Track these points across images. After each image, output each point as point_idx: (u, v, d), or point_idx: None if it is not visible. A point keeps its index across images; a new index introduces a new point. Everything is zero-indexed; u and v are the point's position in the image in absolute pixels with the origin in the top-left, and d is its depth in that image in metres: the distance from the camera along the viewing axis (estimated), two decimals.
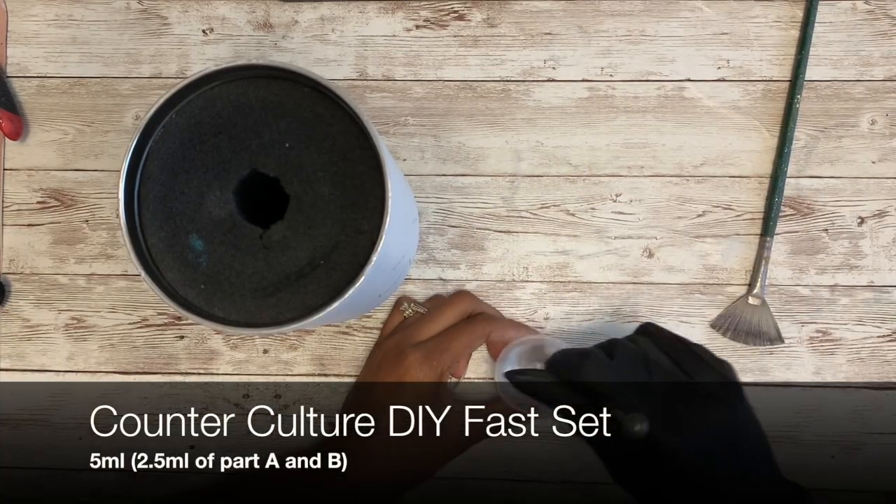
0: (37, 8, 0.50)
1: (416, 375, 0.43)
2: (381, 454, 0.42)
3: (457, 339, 0.44)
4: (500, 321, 0.46)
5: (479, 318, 0.46)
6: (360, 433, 0.43)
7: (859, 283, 0.48)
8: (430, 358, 0.43)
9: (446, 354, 0.43)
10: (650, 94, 0.48)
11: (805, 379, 0.48)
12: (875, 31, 0.48)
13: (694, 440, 0.34)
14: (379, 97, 0.49)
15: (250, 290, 0.35)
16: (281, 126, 0.35)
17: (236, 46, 0.49)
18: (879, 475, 0.47)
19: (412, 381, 0.43)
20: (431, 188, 0.49)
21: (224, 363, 0.49)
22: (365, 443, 0.43)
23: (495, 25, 0.49)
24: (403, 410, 0.42)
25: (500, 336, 0.45)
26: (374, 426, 0.43)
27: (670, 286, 0.48)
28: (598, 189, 0.48)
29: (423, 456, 0.43)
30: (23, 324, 0.49)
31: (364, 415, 0.44)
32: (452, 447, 0.44)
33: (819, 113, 0.48)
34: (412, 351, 0.43)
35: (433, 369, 0.43)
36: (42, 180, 0.49)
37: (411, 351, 0.43)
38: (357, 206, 0.35)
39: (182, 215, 0.35)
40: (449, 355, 0.43)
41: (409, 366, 0.43)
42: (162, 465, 0.48)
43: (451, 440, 0.43)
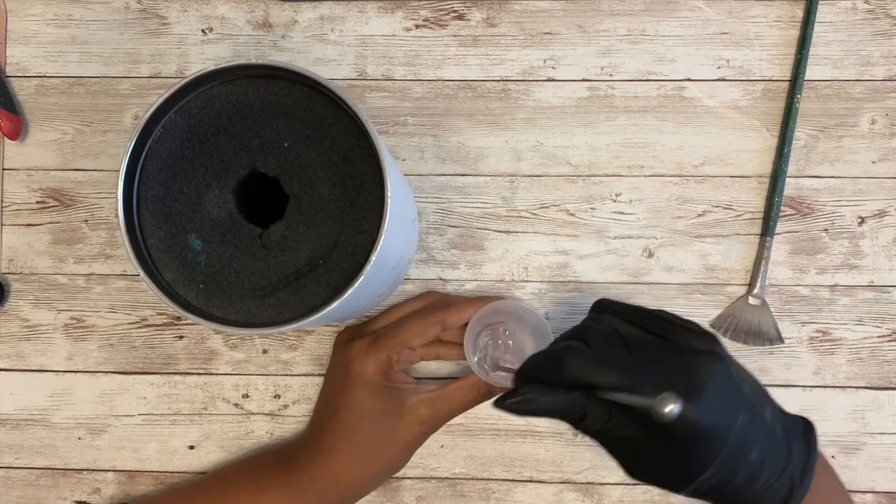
0: (36, 8, 0.50)
1: (362, 363, 0.42)
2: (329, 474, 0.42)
3: (405, 327, 0.43)
4: (456, 305, 0.45)
5: (433, 305, 0.45)
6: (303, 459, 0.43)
7: (859, 283, 0.47)
8: (375, 345, 0.42)
9: (393, 341, 0.42)
10: (650, 94, 0.48)
11: (805, 379, 0.47)
12: (875, 30, 0.48)
13: (704, 404, 0.32)
14: (378, 97, 0.49)
15: (249, 289, 0.35)
16: (280, 126, 0.35)
17: (236, 46, 0.49)
18: (879, 475, 0.47)
19: (358, 369, 0.42)
20: (431, 188, 0.49)
21: (223, 363, 0.49)
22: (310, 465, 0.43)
23: (495, 25, 0.49)
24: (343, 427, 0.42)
25: (457, 319, 0.44)
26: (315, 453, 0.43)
27: (670, 286, 0.48)
28: (598, 189, 0.48)
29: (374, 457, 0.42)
30: (22, 324, 0.49)
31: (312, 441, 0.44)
32: (406, 442, 0.43)
33: (819, 113, 0.48)
34: (358, 340, 0.43)
35: (379, 356, 0.42)
36: (41, 180, 0.49)
37: (357, 340, 0.43)
38: (356, 205, 0.35)
39: (181, 215, 0.35)
40: (396, 342, 0.42)
41: (354, 355, 0.43)
42: (161, 464, 0.49)
43: (403, 436, 0.42)
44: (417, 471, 0.48)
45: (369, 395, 0.42)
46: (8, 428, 0.49)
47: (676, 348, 0.34)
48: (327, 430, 0.43)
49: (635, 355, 0.34)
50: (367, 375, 0.42)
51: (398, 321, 0.44)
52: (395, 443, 0.42)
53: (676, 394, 0.31)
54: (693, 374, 0.33)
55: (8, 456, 0.49)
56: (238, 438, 0.48)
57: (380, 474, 0.44)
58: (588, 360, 0.34)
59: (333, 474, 0.42)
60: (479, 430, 0.48)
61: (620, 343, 0.35)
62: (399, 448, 0.43)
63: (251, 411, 0.48)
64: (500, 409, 0.35)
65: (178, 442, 0.49)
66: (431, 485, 0.48)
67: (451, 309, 0.44)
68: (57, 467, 0.48)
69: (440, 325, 0.44)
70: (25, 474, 0.49)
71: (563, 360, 0.34)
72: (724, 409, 0.33)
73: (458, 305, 0.44)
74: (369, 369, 0.42)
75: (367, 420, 0.42)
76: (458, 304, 0.44)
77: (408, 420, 0.42)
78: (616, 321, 0.36)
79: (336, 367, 0.45)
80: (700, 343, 0.34)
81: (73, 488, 0.48)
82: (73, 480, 0.48)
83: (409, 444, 0.43)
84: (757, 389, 0.36)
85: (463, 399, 0.43)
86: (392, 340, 0.42)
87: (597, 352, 0.34)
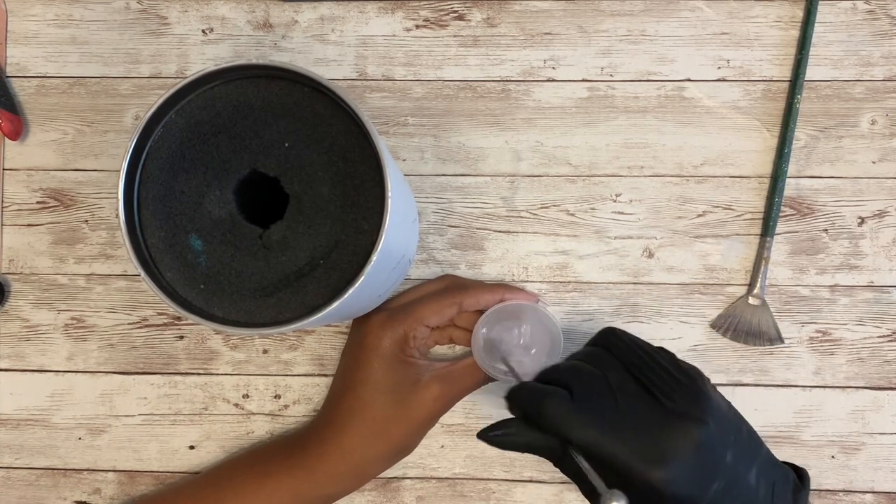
0: (36, 8, 0.50)
1: (377, 336, 0.42)
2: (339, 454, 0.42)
3: (423, 305, 0.43)
4: (474, 289, 0.45)
5: (451, 286, 0.46)
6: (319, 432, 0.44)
7: (859, 283, 0.47)
8: (392, 319, 0.43)
9: (410, 317, 0.43)
10: (650, 94, 0.48)
11: (805, 379, 0.47)
12: (875, 31, 0.48)
13: (675, 474, 0.32)
14: (379, 97, 0.49)
15: (250, 289, 0.35)
16: (281, 126, 0.35)
17: (236, 46, 0.49)
18: (879, 475, 0.47)
19: (374, 342, 0.42)
20: (431, 188, 0.49)
21: (224, 363, 0.49)
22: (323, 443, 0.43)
23: (495, 25, 0.49)
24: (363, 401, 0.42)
25: (474, 302, 0.44)
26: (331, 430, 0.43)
27: (670, 286, 0.48)
28: (598, 189, 0.48)
29: (386, 433, 0.42)
30: (22, 324, 0.49)
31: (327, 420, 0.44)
32: (419, 420, 0.43)
33: (819, 113, 0.48)
34: (376, 313, 0.44)
35: (395, 330, 0.42)
36: (41, 180, 0.49)
37: (375, 314, 0.44)
38: (357, 205, 0.35)
39: (181, 215, 0.35)
40: (413, 318, 0.43)
41: (370, 328, 0.43)
42: (162, 464, 0.49)
43: (416, 413, 0.42)
44: (417, 471, 0.48)
45: (384, 368, 0.42)
46: (8, 428, 0.49)
47: (662, 410, 0.34)
48: (341, 404, 0.43)
49: (619, 410, 0.34)
50: (382, 348, 0.42)
51: (417, 300, 0.45)
52: (408, 419, 0.42)
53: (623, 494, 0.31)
54: (671, 441, 0.33)
55: (8, 456, 0.49)
56: (238, 438, 0.48)
57: (391, 452, 0.43)
58: (568, 412, 0.34)
59: (344, 450, 0.42)
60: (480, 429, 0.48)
61: (608, 394, 0.34)
62: (412, 425, 0.42)
63: (251, 411, 0.48)
64: (482, 440, 0.36)
65: (179, 442, 0.49)
66: (431, 485, 0.48)
67: (469, 292, 0.44)
68: (57, 467, 0.48)
69: (457, 306, 0.44)
70: (25, 474, 0.49)
71: (544, 406, 0.34)
72: (697, 478, 0.32)
73: (476, 289, 0.45)
74: (385, 342, 0.42)
75: (381, 394, 0.42)
76: (477, 288, 0.45)
77: (421, 396, 0.42)
78: (611, 364, 0.36)
79: (353, 343, 0.45)
80: (688, 406, 0.34)
81: (74, 488, 0.48)
82: (73, 480, 0.48)
83: (421, 423, 0.43)
84: (745, 449, 0.35)
85: (474, 377, 0.43)
86: (409, 316, 0.43)
87: (579, 405, 0.34)
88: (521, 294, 0.46)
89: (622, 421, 0.33)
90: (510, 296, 0.45)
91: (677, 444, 0.32)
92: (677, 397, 0.34)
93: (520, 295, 0.46)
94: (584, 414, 0.34)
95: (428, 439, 0.48)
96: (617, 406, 0.34)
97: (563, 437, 0.34)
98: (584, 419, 0.33)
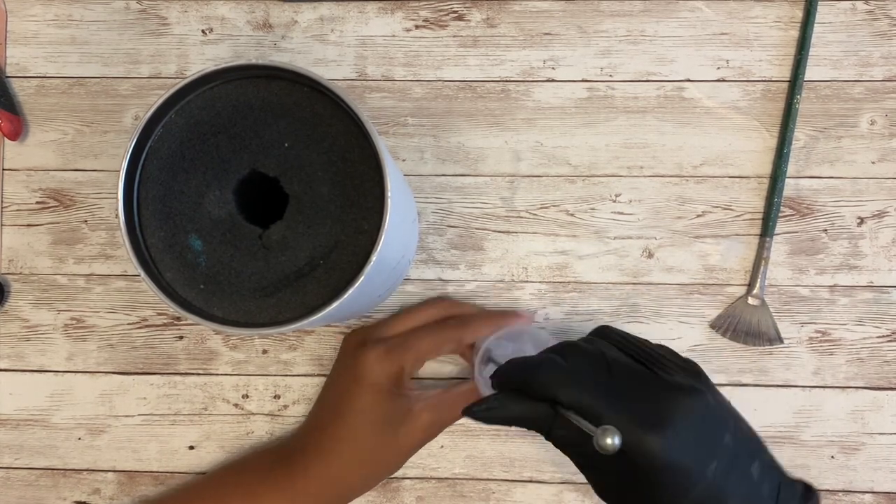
0: (36, 8, 0.50)
1: (374, 371, 0.42)
2: (323, 473, 0.42)
3: (422, 340, 0.43)
4: (474, 324, 0.44)
5: (452, 321, 0.45)
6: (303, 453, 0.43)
7: (859, 283, 0.48)
8: (390, 354, 0.42)
9: (409, 353, 0.42)
10: (650, 95, 0.48)
11: (805, 379, 0.48)
12: (875, 31, 0.48)
13: (670, 438, 0.31)
14: (378, 97, 0.49)
15: (250, 290, 0.35)
16: (280, 126, 0.35)
17: (236, 46, 0.49)
18: (879, 475, 0.47)
19: (370, 376, 0.42)
20: (431, 188, 0.49)
21: (223, 363, 0.49)
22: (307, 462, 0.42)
23: (495, 25, 0.49)
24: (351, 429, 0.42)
25: (472, 338, 0.44)
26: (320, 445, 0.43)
27: (670, 286, 0.48)
28: (597, 189, 0.48)
29: (374, 461, 0.42)
30: (22, 324, 0.49)
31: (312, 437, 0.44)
32: (408, 447, 0.43)
33: (819, 113, 0.48)
34: (373, 346, 0.43)
35: (392, 366, 0.42)
36: (41, 180, 0.49)
37: (372, 346, 0.43)
38: (356, 205, 0.35)
39: (181, 215, 0.35)
40: (412, 354, 0.42)
41: (368, 361, 0.42)
42: (161, 465, 0.49)
43: (405, 442, 0.42)
44: (417, 471, 0.48)
45: (377, 402, 0.42)
46: (8, 428, 0.49)
47: (658, 380, 0.33)
48: (329, 433, 0.43)
49: (614, 381, 0.33)
50: (378, 383, 0.42)
51: (413, 332, 0.44)
52: (397, 447, 0.42)
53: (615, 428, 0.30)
54: (667, 407, 0.32)
55: (8, 456, 0.49)
56: (238, 439, 0.48)
57: (378, 477, 0.44)
58: (561, 375, 0.33)
59: (332, 477, 0.42)
60: (479, 430, 0.48)
61: (603, 366, 0.34)
62: (400, 453, 0.43)
63: (251, 411, 0.48)
64: (468, 417, 0.35)
65: (179, 442, 0.49)
66: (431, 485, 0.48)
67: (469, 328, 0.44)
68: (57, 467, 0.48)
69: (456, 343, 0.44)
70: (25, 474, 0.49)
71: (536, 371, 0.33)
72: (692, 450, 0.31)
73: (475, 325, 0.44)
74: (381, 378, 0.42)
75: (372, 425, 0.42)
76: (475, 324, 0.44)
77: (412, 426, 0.42)
78: (608, 346, 0.35)
79: (345, 371, 0.44)
80: (686, 380, 0.33)
81: (73, 488, 0.48)
82: (72, 481, 0.48)
83: (410, 449, 0.43)
84: (747, 443, 0.34)
85: (466, 404, 0.43)
86: (408, 353, 0.42)
87: (572, 369, 0.33)
88: (519, 318, 0.46)
89: (618, 388, 0.33)
90: (507, 323, 0.45)
91: (677, 410, 0.31)
92: (676, 375, 0.34)
93: (516, 319, 0.46)
94: (578, 377, 0.33)
95: None
96: (611, 374, 0.33)
97: (554, 399, 0.33)
98: (577, 382, 0.33)
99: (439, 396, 0.43)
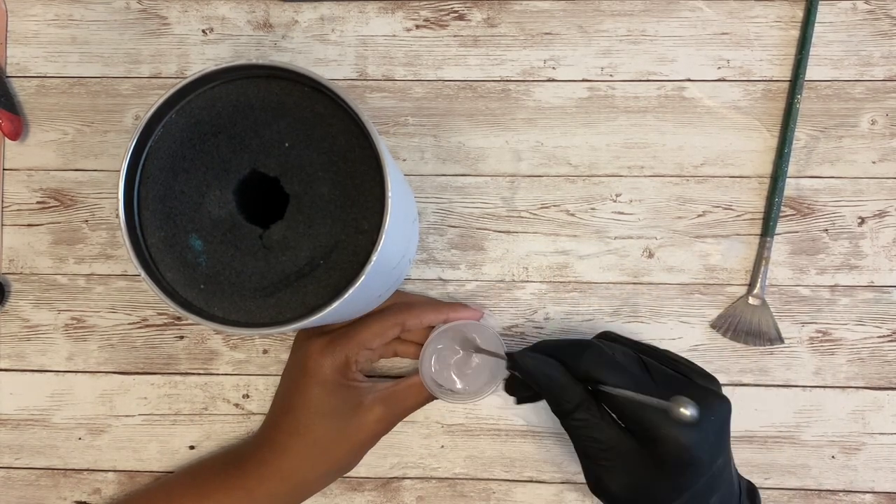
0: (37, 8, 0.50)
1: (319, 363, 0.42)
2: (278, 469, 0.42)
3: (364, 327, 0.43)
4: (417, 307, 0.45)
5: (394, 306, 0.45)
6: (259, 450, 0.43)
7: (859, 283, 0.47)
8: (332, 345, 0.42)
9: (351, 342, 0.42)
10: (650, 94, 0.48)
11: (805, 379, 0.47)
12: (875, 31, 0.48)
13: (701, 435, 0.34)
14: (379, 97, 0.49)
15: (250, 290, 0.35)
16: (281, 126, 0.35)
17: (236, 46, 0.49)
18: (879, 475, 0.47)
19: (315, 368, 0.42)
20: (431, 188, 0.49)
21: (224, 363, 0.49)
22: (262, 458, 0.43)
23: (495, 25, 0.49)
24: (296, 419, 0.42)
25: (418, 323, 0.44)
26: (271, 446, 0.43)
27: (670, 286, 0.48)
28: (598, 189, 0.48)
29: (327, 455, 0.42)
30: (22, 324, 0.49)
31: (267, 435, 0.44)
32: (361, 441, 0.43)
33: (819, 113, 0.48)
34: (316, 338, 0.43)
35: (337, 356, 0.42)
36: (42, 180, 0.49)
37: (316, 338, 0.43)
38: (357, 205, 0.35)
39: (182, 215, 0.35)
40: (354, 343, 0.42)
41: (313, 354, 0.42)
42: (162, 465, 0.49)
43: (358, 435, 0.42)
44: (417, 471, 0.48)
45: (325, 394, 0.42)
46: (8, 428, 0.49)
47: (691, 382, 0.36)
48: (281, 427, 0.43)
49: (650, 377, 0.36)
50: (323, 374, 0.42)
51: (358, 322, 0.44)
52: (350, 441, 0.42)
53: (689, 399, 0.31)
54: (706, 406, 0.34)
55: (8, 456, 0.49)
56: (238, 438, 0.48)
57: (331, 472, 0.44)
58: (607, 360, 0.36)
59: (284, 472, 0.42)
60: (479, 430, 0.48)
61: (639, 363, 0.37)
62: (353, 446, 0.43)
63: (252, 411, 0.48)
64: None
65: (179, 442, 0.49)
66: (431, 485, 0.48)
67: (412, 312, 0.44)
68: (57, 467, 0.48)
69: (400, 327, 0.44)
70: (25, 474, 0.49)
71: (583, 352, 0.36)
72: (712, 448, 0.35)
73: (418, 309, 0.44)
74: (326, 368, 0.42)
75: (322, 418, 0.42)
76: (419, 308, 0.45)
77: (363, 419, 0.42)
78: (628, 350, 0.38)
79: (293, 365, 0.45)
80: (709, 384, 0.37)
81: (74, 488, 0.48)
82: (73, 481, 0.48)
83: (363, 443, 0.43)
84: (730, 447, 0.38)
85: (417, 397, 0.44)
86: (350, 341, 0.42)
87: (617, 358, 0.36)
88: (466, 311, 0.46)
89: (654, 383, 0.35)
90: (454, 315, 0.45)
91: (710, 411, 0.35)
92: (699, 377, 0.37)
93: (465, 312, 0.46)
94: (622, 367, 0.36)
95: (428, 439, 0.48)
96: (648, 373, 0.36)
97: (598, 380, 0.35)
98: (622, 370, 0.35)
99: (390, 389, 0.43)
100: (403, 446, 0.48)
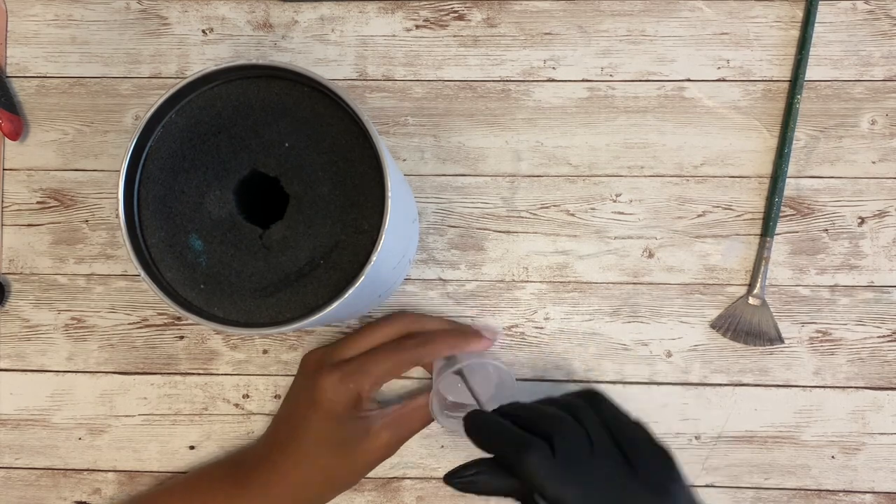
0: (37, 8, 0.50)
1: (330, 397, 0.41)
2: (282, 487, 0.42)
3: (379, 363, 0.42)
4: (432, 344, 0.44)
5: (410, 340, 0.44)
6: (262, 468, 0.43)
7: (859, 283, 0.47)
8: (345, 381, 0.41)
9: (365, 378, 0.42)
10: (650, 94, 0.48)
11: (805, 379, 0.47)
12: (875, 31, 0.48)
13: None
14: (379, 97, 0.49)
15: (250, 289, 0.35)
16: (281, 126, 0.35)
17: (236, 46, 0.49)
18: (879, 475, 0.47)
19: (326, 403, 0.41)
20: (431, 188, 0.49)
21: (224, 363, 0.49)
22: (266, 477, 0.43)
23: (495, 25, 0.49)
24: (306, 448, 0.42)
25: (434, 357, 0.44)
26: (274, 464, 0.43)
27: (670, 286, 0.48)
28: (598, 189, 0.48)
29: (332, 480, 0.43)
30: (22, 324, 0.49)
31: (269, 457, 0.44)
32: (366, 464, 0.43)
33: (819, 113, 0.48)
34: (329, 371, 0.42)
35: (349, 392, 0.41)
36: (42, 180, 0.49)
37: (328, 371, 0.42)
38: (357, 205, 0.35)
39: (182, 215, 0.35)
40: (368, 379, 0.42)
41: (324, 387, 0.42)
42: (162, 465, 0.49)
43: (364, 460, 0.42)
44: (417, 471, 0.48)
45: (334, 428, 0.42)
46: (8, 428, 0.49)
47: (634, 477, 0.34)
48: (287, 453, 0.43)
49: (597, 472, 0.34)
50: (335, 411, 0.42)
51: (372, 353, 0.43)
52: (356, 466, 0.43)
53: None
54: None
55: (8, 456, 0.49)
56: (238, 439, 0.48)
57: (336, 493, 0.44)
58: (550, 468, 0.33)
59: (288, 495, 0.42)
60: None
61: (587, 452, 0.34)
62: (359, 471, 0.43)
63: (251, 411, 0.48)
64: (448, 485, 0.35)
65: (179, 442, 0.49)
66: (431, 485, 0.48)
67: (427, 349, 0.43)
68: (57, 467, 0.48)
69: (415, 363, 0.44)
70: (25, 474, 0.49)
71: (527, 458, 0.33)
72: None
73: (434, 345, 0.44)
74: (338, 405, 0.41)
75: (330, 448, 0.42)
76: (435, 344, 0.44)
77: (370, 445, 0.42)
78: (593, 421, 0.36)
79: (302, 393, 0.44)
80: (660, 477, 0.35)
81: (74, 488, 0.48)
82: (73, 481, 0.48)
83: (369, 467, 0.43)
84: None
85: (423, 419, 0.44)
86: (365, 377, 0.42)
87: (560, 462, 0.34)
88: (478, 343, 0.45)
89: (598, 484, 0.33)
90: (470, 347, 0.45)
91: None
92: (651, 466, 0.35)
93: (476, 345, 0.45)
94: (564, 472, 0.33)
95: (428, 439, 0.48)
96: (594, 467, 0.34)
97: (539, 492, 0.33)
98: (563, 478, 0.33)
99: (397, 412, 0.43)
100: (403, 446, 0.48)
